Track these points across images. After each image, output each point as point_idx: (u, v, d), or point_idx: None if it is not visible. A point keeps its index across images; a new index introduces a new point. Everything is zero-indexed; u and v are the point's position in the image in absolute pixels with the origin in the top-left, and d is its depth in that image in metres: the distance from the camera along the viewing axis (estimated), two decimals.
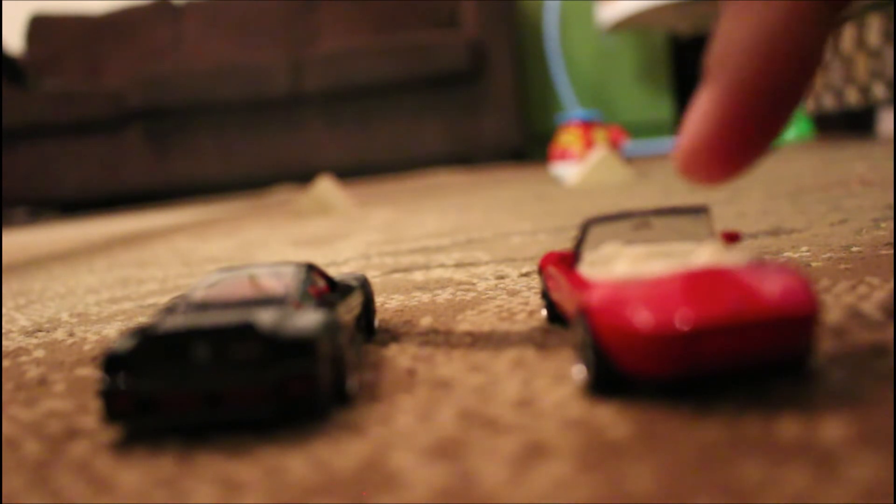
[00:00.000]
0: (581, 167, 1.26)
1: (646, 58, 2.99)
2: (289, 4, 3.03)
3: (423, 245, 0.62)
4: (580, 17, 2.97)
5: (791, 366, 0.20)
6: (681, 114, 2.69)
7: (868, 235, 0.41)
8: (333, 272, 0.50)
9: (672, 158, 0.21)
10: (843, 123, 1.97)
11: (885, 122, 1.77)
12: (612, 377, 0.20)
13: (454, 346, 0.28)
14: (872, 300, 0.27)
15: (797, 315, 0.18)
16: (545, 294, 0.29)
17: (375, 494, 0.16)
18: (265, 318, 0.21)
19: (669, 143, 2.52)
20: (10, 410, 0.26)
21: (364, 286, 0.31)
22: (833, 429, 0.17)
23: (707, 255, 0.22)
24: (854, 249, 0.38)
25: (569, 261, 0.26)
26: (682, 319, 0.18)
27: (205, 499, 0.17)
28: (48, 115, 2.72)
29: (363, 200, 1.45)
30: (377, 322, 0.33)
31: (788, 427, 0.17)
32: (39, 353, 0.35)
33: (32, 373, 0.31)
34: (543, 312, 0.30)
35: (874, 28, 1.51)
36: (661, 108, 2.98)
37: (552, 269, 0.27)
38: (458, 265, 0.48)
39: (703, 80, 0.20)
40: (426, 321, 0.33)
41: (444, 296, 0.38)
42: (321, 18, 3.00)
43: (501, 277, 0.42)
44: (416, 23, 2.88)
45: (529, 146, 2.89)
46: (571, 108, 2.85)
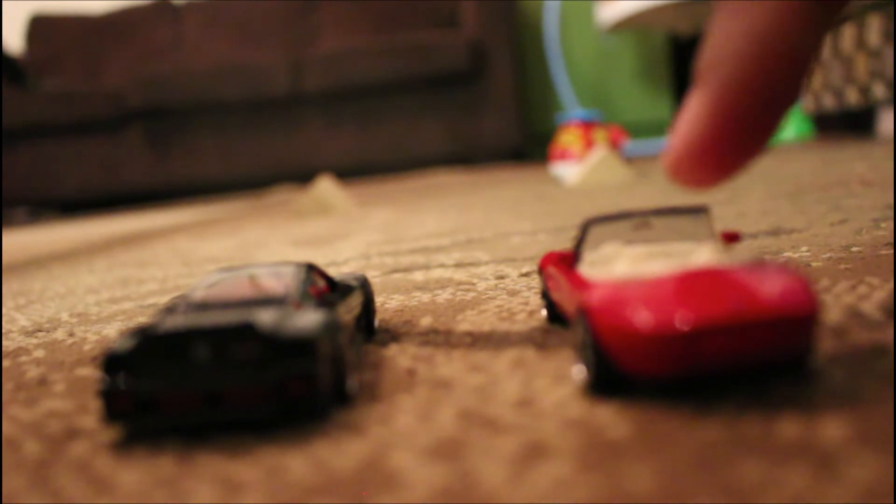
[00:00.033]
0: (581, 167, 1.26)
1: (646, 58, 2.99)
2: (289, 4, 3.03)
3: (423, 245, 0.62)
4: (580, 17, 2.97)
5: (791, 366, 0.20)
6: None
7: (868, 235, 0.41)
8: (333, 272, 0.50)
9: (662, 162, 0.21)
10: (843, 123, 1.97)
11: (885, 122, 1.77)
12: (612, 377, 0.20)
13: (454, 346, 0.28)
14: (872, 300, 0.27)
15: (797, 315, 0.18)
16: (545, 294, 0.29)
17: (375, 494, 0.16)
18: (265, 318, 0.21)
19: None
20: (10, 410, 0.26)
21: (364, 286, 0.31)
22: (833, 429, 0.17)
23: (707, 256, 0.22)
24: (854, 249, 0.37)
25: (569, 261, 0.26)
26: (682, 319, 0.18)
27: (205, 499, 0.17)
28: (48, 115, 2.72)
29: (363, 200, 1.45)
30: (377, 322, 0.33)
31: (788, 427, 0.17)
32: (39, 353, 0.35)
33: (32, 373, 0.31)
34: (543, 312, 0.30)
35: (874, 28, 1.51)
36: (661, 108, 2.98)
37: (552, 269, 0.27)
38: (458, 265, 0.48)
39: (694, 83, 0.20)
40: (426, 321, 0.33)
41: (444, 296, 0.38)
42: (321, 18, 3.00)
43: (501, 277, 0.42)
44: (416, 23, 2.88)
45: (529, 146, 2.89)
46: (571, 108, 2.85)
